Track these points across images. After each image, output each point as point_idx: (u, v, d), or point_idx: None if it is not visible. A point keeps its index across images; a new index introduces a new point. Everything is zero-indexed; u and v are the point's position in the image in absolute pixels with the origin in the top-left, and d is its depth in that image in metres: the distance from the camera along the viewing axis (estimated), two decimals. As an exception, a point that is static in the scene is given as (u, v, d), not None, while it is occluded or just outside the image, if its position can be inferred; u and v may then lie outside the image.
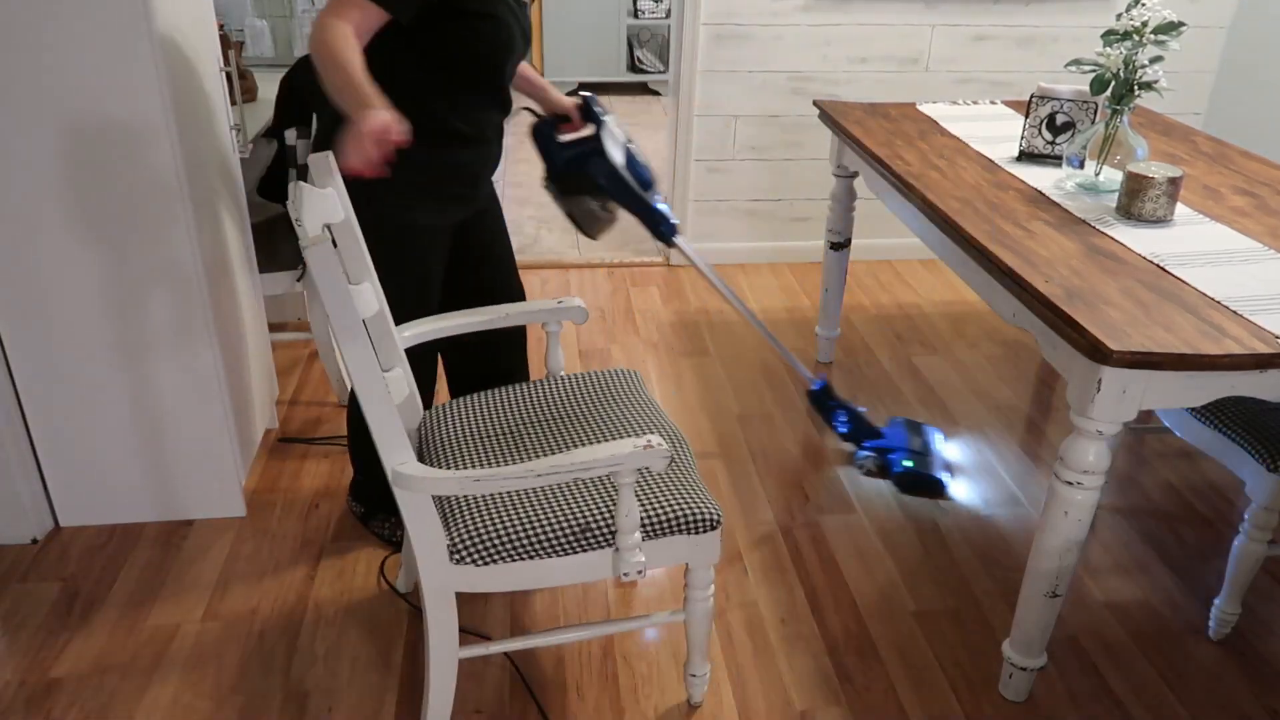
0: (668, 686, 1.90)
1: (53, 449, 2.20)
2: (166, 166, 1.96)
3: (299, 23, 3.31)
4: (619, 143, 2.13)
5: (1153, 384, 1.55)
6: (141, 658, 1.93)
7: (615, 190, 2.13)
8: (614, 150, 2.11)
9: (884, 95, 3.68)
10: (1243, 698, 1.90)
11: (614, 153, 2.11)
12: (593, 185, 2.12)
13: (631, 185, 2.13)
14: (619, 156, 2.12)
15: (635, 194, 2.14)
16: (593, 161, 2.09)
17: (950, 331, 3.36)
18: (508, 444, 1.79)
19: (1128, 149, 2.15)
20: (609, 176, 2.11)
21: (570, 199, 2.15)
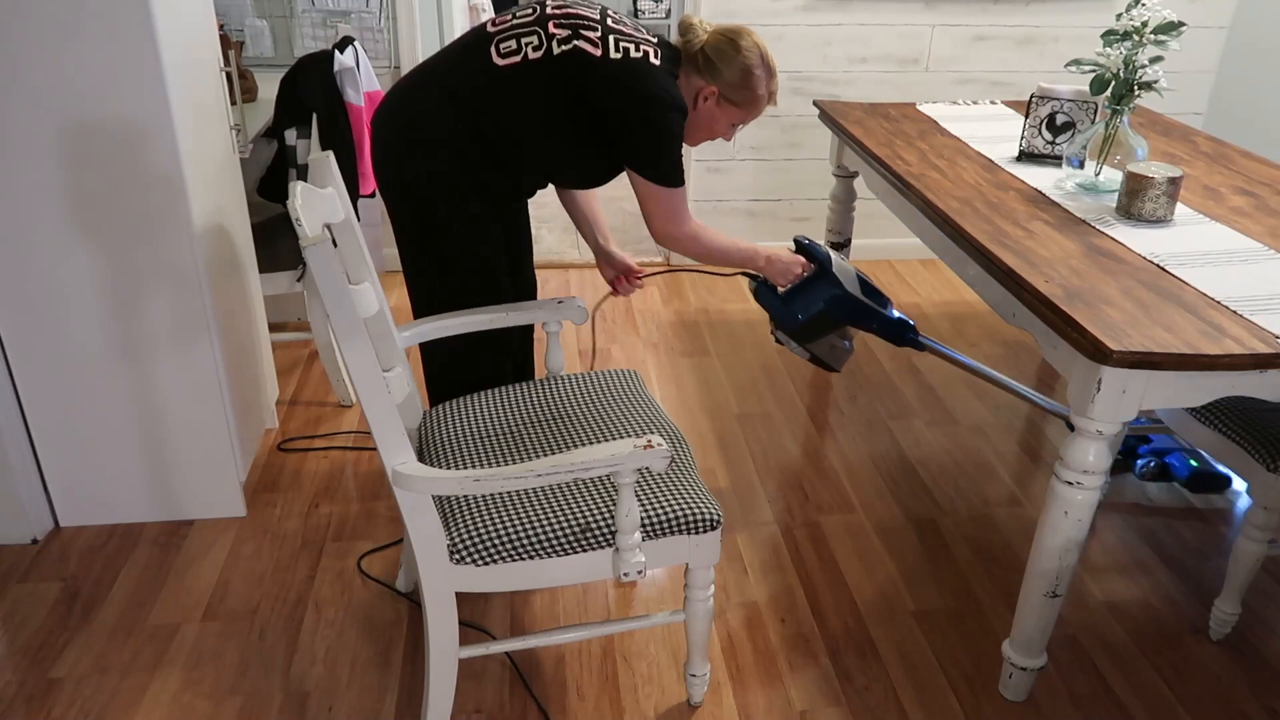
0: (668, 686, 1.90)
1: (53, 449, 2.20)
2: (166, 166, 1.96)
3: (299, 23, 3.32)
4: (849, 274, 2.05)
5: (1153, 384, 1.55)
6: (141, 658, 1.93)
7: (859, 320, 2.06)
8: (847, 282, 2.03)
9: (884, 95, 3.68)
10: (1243, 698, 1.90)
11: (849, 285, 2.03)
12: (833, 323, 2.06)
13: (876, 310, 2.06)
14: (854, 286, 2.04)
15: (880, 315, 2.07)
16: (831, 302, 2.02)
17: (950, 331, 3.36)
18: (508, 444, 1.79)
19: (1128, 149, 2.15)
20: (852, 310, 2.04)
21: (811, 343, 2.09)
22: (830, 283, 2.02)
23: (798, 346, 2.11)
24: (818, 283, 2.03)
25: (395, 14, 3.34)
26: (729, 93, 1.92)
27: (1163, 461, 2.52)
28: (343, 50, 2.50)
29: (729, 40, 1.90)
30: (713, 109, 1.94)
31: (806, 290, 2.05)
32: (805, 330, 2.06)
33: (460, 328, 1.91)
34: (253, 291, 2.48)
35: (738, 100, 1.93)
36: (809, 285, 2.04)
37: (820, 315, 2.04)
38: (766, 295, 2.08)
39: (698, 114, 1.95)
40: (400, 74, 3.42)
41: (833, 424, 2.79)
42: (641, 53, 1.85)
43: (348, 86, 2.51)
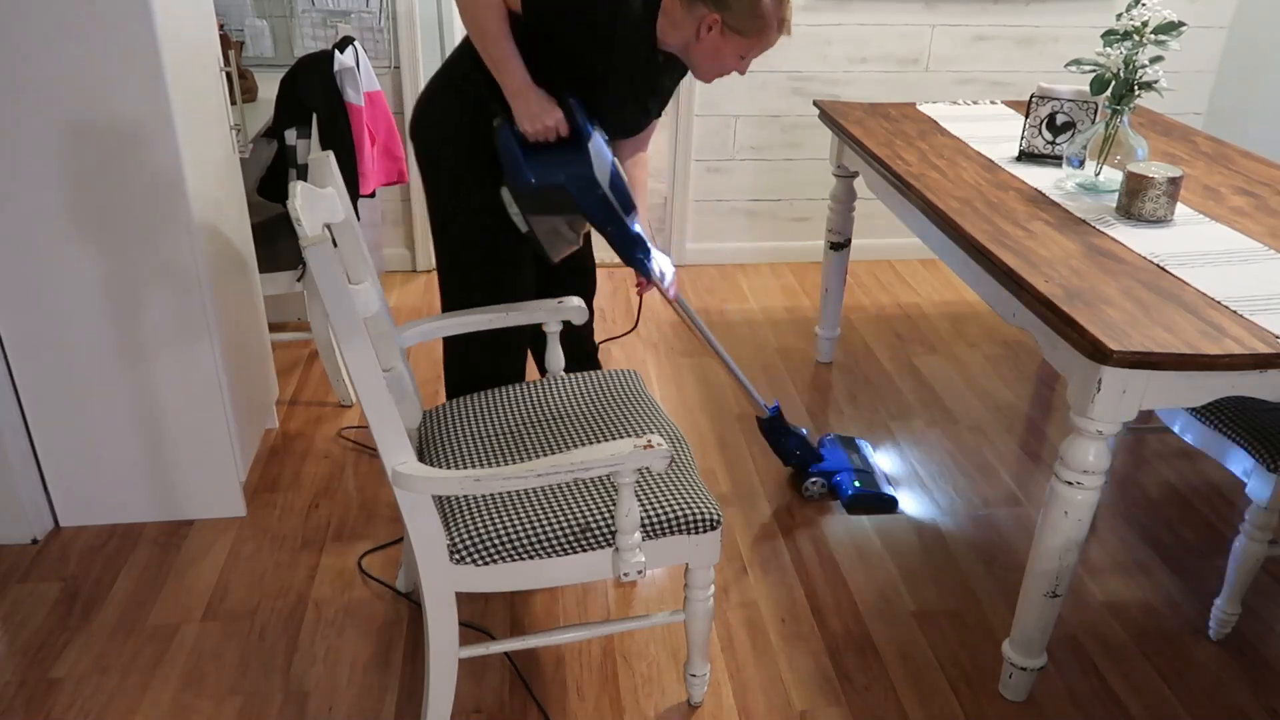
0: (668, 686, 1.90)
1: (53, 449, 2.20)
2: (167, 166, 1.96)
3: (299, 23, 3.32)
4: (605, 158, 1.84)
5: (1153, 384, 1.55)
6: (141, 658, 1.93)
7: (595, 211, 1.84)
8: (599, 166, 1.82)
9: (884, 95, 3.68)
10: (1243, 698, 1.90)
11: (599, 169, 1.81)
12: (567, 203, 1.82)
13: (615, 208, 1.84)
14: (604, 174, 1.82)
15: (618, 218, 1.86)
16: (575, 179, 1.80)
17: (950, 331, 3.36)
18: (508, 444, 1.79)
19: (1128, 149, 2.15)
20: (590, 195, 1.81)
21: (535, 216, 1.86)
22: (580, 158, 1.80)
23: (519, 213, 1.87)
24: (567, 150, 1.81)
25: (395, 14, 3.34)
26: (733, 21, 1.79)
27: (831, 482, 2.44)
28: (343, 50, 2.50)
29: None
30: (717, 39, 1.82)
31: (552, 153, 1.81)
32: (533, 198, 1.82)
33: (460, 327, 1.92)
34: (253, 291, 2.48)
35: (743, 29, 1.80)
36: (557, 150, 1.82)
37: (555, 189, 1.80)
38: (507, 139, 1.83)
39: (701, 45, 1.84)
40: (400, 74, 3.43)
41: (833, 424, 2.79)
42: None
43: (348, 86, 2.51)
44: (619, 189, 1.86)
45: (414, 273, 3.75)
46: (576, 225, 1.91)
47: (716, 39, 1.83)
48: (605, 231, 1.89)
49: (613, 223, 1.86)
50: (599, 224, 1.87)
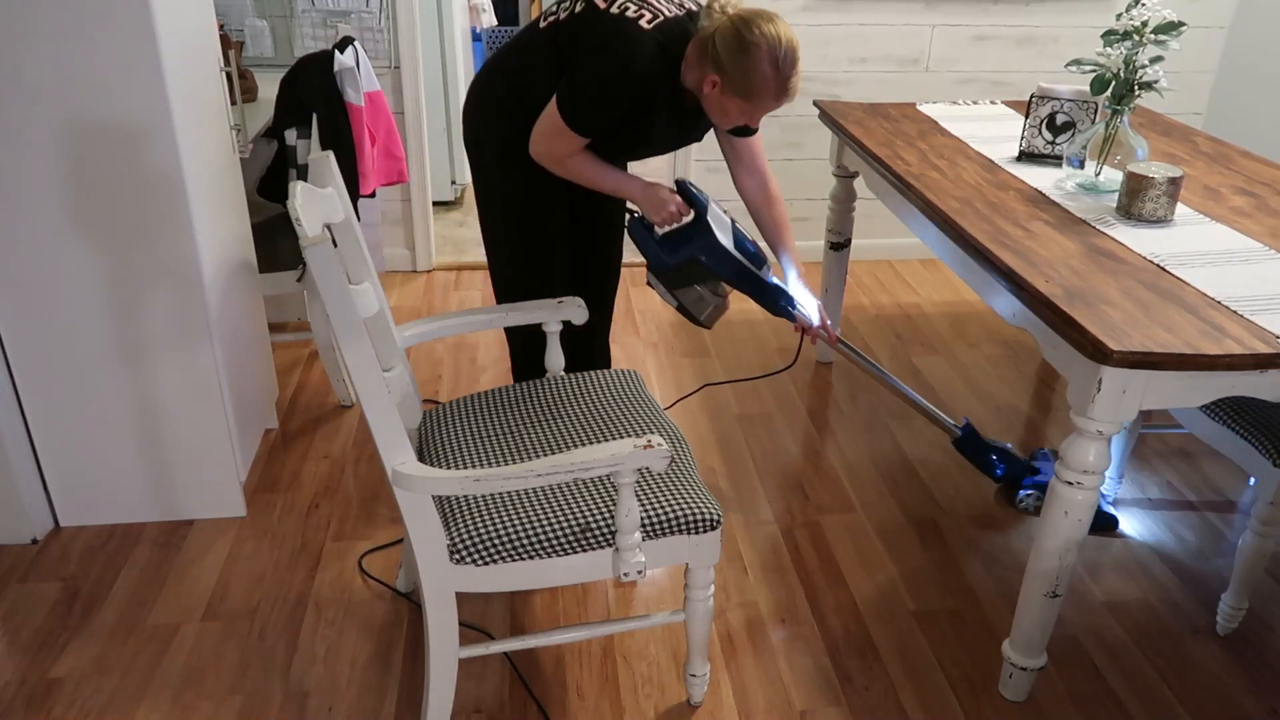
0: (668, 686, 1.90)
1: (53, 449, 2.20)
2: (167, 166, 1.96)
3: (299, 23, 3.32)
4: (725, 225, 2.03)
5: (1153, 384, 1.55)
6: (141, 657, 1.93)
7: (731, 275, 2.01)
8: (721, 234, 1.99)
9: (884, 95, 3.68)
10: (1243, 697, 1.90)
11: (722, 236, 1.99)
12: (704, 273, 2.00)
13: (747, 266, 2.01)
14: (728, 239, 2.00)
15: (752, 275, 2.02)
16: (703, 249, 1.98)
17: (950, 331, 3.36)
18: (508, 444, 1.79)
19: (1128, 149, 2.15)
20: (723, 262, 1.99)
21: (679, 290, 2.05)
22: (703, 230, 1.97)
23: (666, 292, 2.06)
24: (692, 227, 1.99)
25: (395, 14, 3.34)
26: (730, 84, 1.84)
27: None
28: (343, 50, 2.50)
29: (737, 33, 1.80)
30: (719, 97, 1.88)
31: (680, 234, 2.00)
32: (673, 275, 2.02)
33: (461, 327, 1.92)
34: (253, 291, 2.48)
35: (740, 92, 1.85)
36: (683, 230, 2.00)
37: (690, 262, 1.99)
38: (639, 231, 2.03)
39: (707, 99, 1.91)
40: (400, 74, 3.42)
41: (833, 424, 2.79)
42: (636, 14, 1.85)
43: (348, 86, 2.51)
44: (745, 248, 2.02)
45: (414, 273, 3.75)
46: (718, 289, 2.07)
47: (718, 96, 1.88)
48: (744, 289, 2.05)
49: (746, 279, 2.03)
50: (735, 283, 2.03)
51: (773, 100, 1.88)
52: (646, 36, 1.85)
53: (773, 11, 1.85)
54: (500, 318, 1.92)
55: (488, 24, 4.99)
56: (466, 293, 3.60)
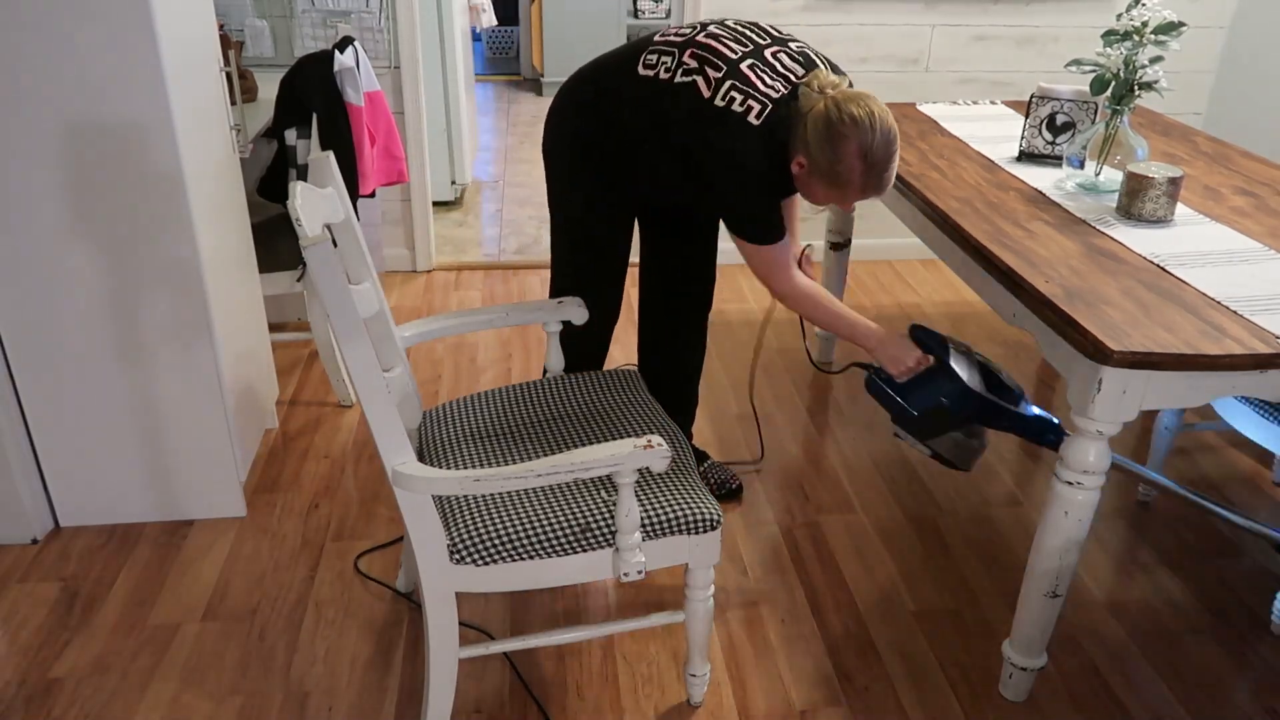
0: (668, 686, 1.90)
1: (53, 449, 2.20)
2: (166, 166, 1.96)
3: (299, 23, 3.32)
4: (971, 364, 1.85)
5: (1153, 384, 1.55)
6: (141, 658, 1.93)
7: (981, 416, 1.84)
8: (967, 374, 1.82)
9: (884, 95, 3.68)
10: (1242, 698, 1.90)
11: (968, 377, 1.82)
12: (956, 419, 1.84)
13: (1000, 404, 1.83)
14: (974, 379, 1.83)
15: (1008, 412, 1.83)
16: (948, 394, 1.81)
17: (950, 331, 3.36)
18: (508, 444, 1.79)
19: (1128, 149, 2.15)
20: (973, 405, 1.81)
21: (932, 440, 1.89)
22: (948, 376, 1.82)
23: (918, 443, 1.92)
24: (936, 375, 1.83)
25: (395, 14, 3.34)
26: (815, 170, 1.76)
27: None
28: (343, 50, 2.50)
29: (828, 119, 1.71)
30: (806, 178, 1.80)
31: (923, 382, 1.85)
32: (922, 426, 1.87)
33: (461, 327, 1.92)
34: (253, 291, 2.48)
35: (827, 182, 1.77)
36: (926, 377, 1.85)
37: (937, 410, 1.83)
38: (878, 386, 1.90)
39: (796, 177, 1.83)
40: (400, 74, 3.42)
41: (833, 424, 2.79)
42: (744, 107, 1.77)
43: (348, 86, 2.51)
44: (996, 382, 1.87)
45: (414, 273, 3.75)
46: (976, 432, 1.91)
47: (806, 177, 1.81)
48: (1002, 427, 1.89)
49: (1004, 418, 1.87)
50: (992, 424, 1.89)
51: (859, 193, 1.79)
52: (754, 133, 1.78)
53: (872, 96, 1.74)
54: (500, 318, 1.92)
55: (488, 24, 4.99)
56: (466, 293, 3.60)
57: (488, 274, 3.77)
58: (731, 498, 2.45)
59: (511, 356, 3.12)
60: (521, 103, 6.59)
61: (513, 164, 5.21)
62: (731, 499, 2.44)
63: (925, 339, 1.87)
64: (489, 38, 7.54)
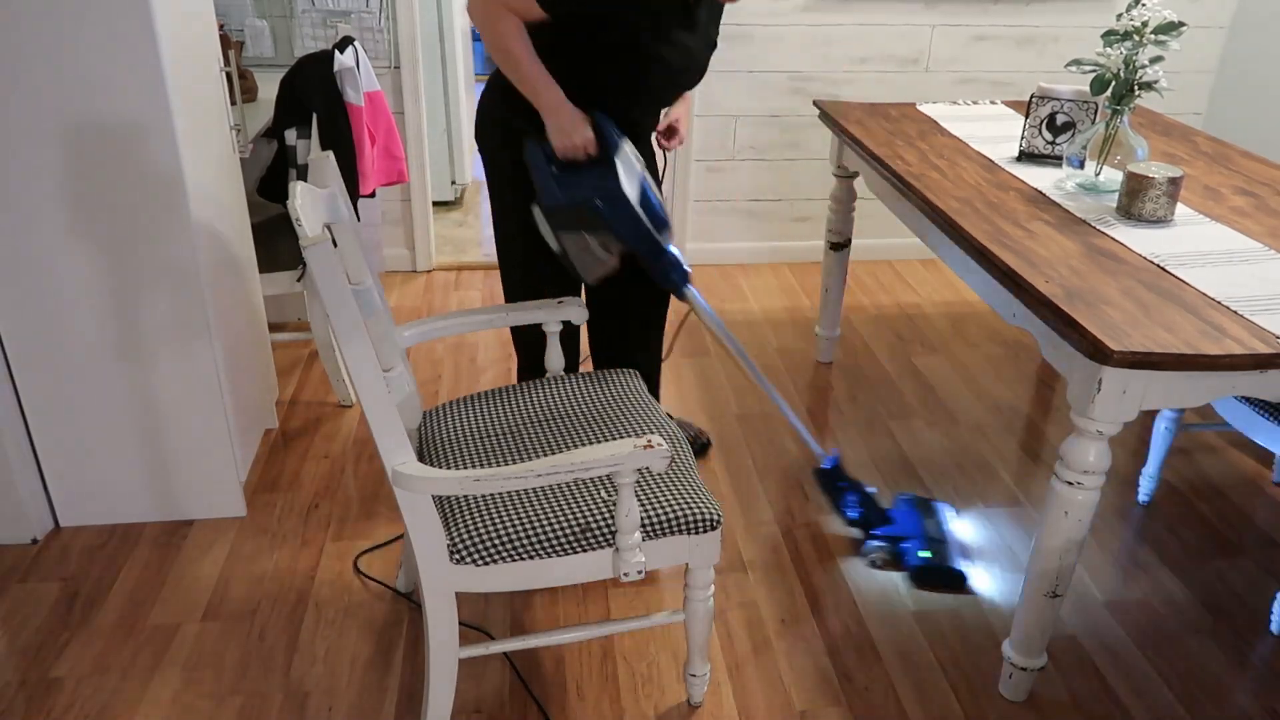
0: (668, 686, 1.90)
1: (53, 449, 2.20)
2: (166, 166, 1.96)
3: (299, 23, 3.32)
4: (634, 174, 1.80)
5: (1153, 384, 1.55)
6: (141, 658, 1.93)
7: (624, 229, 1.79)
8: (628, 182, 1.77)
9: (884, 95, 3.68)
10: (1243, 698, 1.90)
11: (628, 185, 1.76)
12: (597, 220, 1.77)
13: (645, 225, 1.79)
14: (633, 190, 1.77)
15: (649, 235, 1.80)
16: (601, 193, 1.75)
17: (950, 331, 3.36)
18: (508, 444, 1.79)
19: (1128, 149, 2.15)
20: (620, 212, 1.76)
21: (565, 234, 1.82)
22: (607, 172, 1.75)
23: (549, 230, 1.84)
24: (595, 167, 1.77)
25: (395, 14, 3.34)
26: None
27: (896, 549, 2.22)
28: (343, 50, 2.50)
29: None
30: None
31: (580, 170, 1.78)
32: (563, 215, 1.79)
33: (461, 327, 1.92)
34: (253, 291, 2.48)
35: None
36: (586, 167, 1.78)
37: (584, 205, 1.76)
38: (536, 155, 1.81)
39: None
40: (400, 74, 3.42)
41: (833, 424, 2.79)
42: None
43: (348, 86, 2.51)
44: (650, 207, 1.80)
45: (414, 273, 3.75)
46: (609, 245, 1.85)
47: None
48: (636, 248, 1.84)
49: (643, 241, 1.81)
50: (629, 242, 1.83)
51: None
52: None
53: None
54: (500, 318, 1.92)
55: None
56: (466, 293, 3.60)
57: (488, 274, 3.77)
58: (700, 454, 2.53)
59: (511, 356, 3.12)
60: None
61: (513, 164, 5.20)
62: (700, 455, 2.53)
63: (604, 130, 1.80)
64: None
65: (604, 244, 1.83)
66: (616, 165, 1.76)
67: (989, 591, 2.16)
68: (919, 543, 2.22)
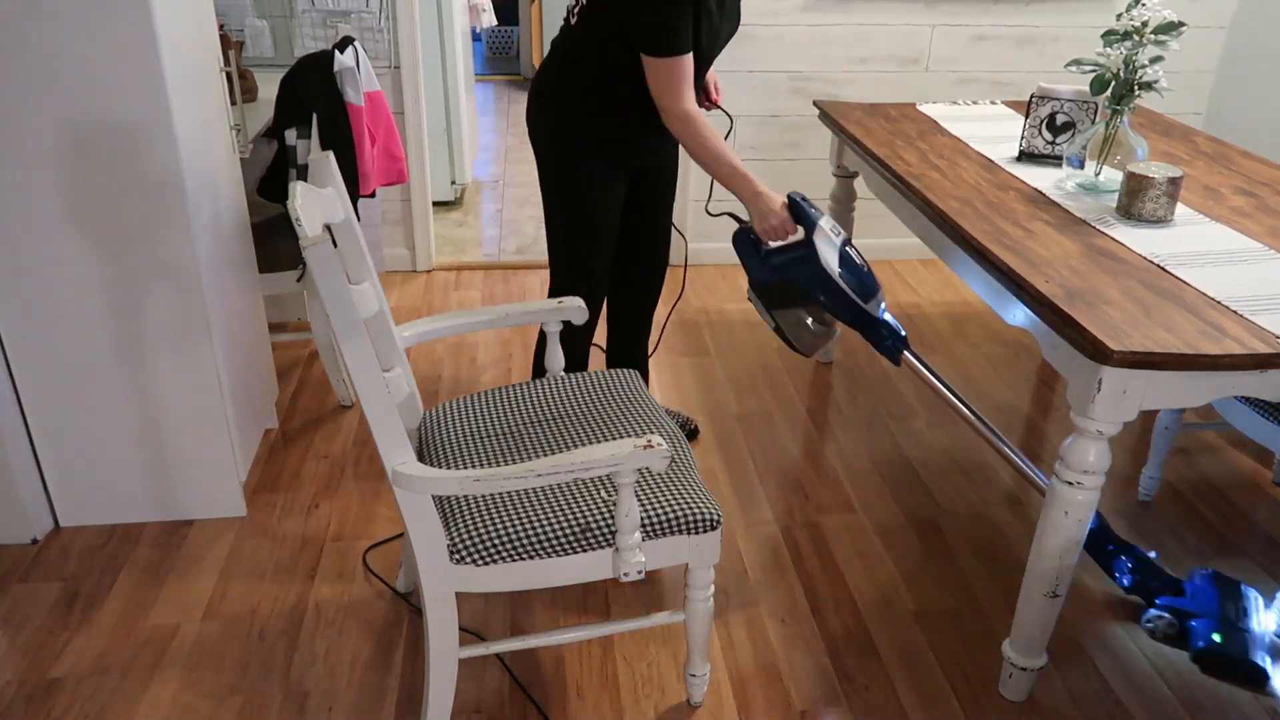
0: (668, 686, 1.90)
1: (53, 449, 2.20)
2: (166, 166, 1.96)
3: (299, 23, 3.32)
4: (834, 245, 1.86)
5: (1153, 384, 1.55)
6: (141, 658, 1.93)
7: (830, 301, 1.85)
8: (828, 255, 1.83)
9: (884, 95, 3.68)
10: (1243, 698, 1.90)
11: (828, 258, 1.83)
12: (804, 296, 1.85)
13: (849, 295, 1.84)
14: (834, 262, 1.83)
15: (853, 305, 1.84)
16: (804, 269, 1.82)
17: (950, 331, 3.36)
18: (508, 444, 1.79)
19: (1128, 149, 2.15)
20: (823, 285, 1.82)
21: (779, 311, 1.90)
22: (810, 253, 1.84)
23: (763, 310, 1.94)
24: (799, 249, 1.86)
25: (395, 14, 3.34)
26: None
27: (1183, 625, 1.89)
28: (343, 50, 2.50)
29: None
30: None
31: (785, 252, 1.87)
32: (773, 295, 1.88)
33: (461, 328, 1.92)
34: (253, 291, 2.48)
35: None
36: (790, 248, 1.87)
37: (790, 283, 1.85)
38: (743, 241, 1.92)
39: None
40: (400, 74, 3.43)
41: (833, 424, 2.79)
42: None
43: (348, 86, 2.51)
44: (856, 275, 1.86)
45: (414, 273, 3.75)
46: (822, 317, 1.93)
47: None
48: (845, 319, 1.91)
49: (850, 311, 1.87)
50: (837, 313, 1.89)
51: None
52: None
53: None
54: (500, 318, 1.92)
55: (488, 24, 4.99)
56: (466, 293, 3.60)
57: (488, 274, 3.77)
58: (690, 439, 2.56)
59: (511, 356, 3.12)
60: (521, 103, 6.59)
61: (513, 164, 5.21)
62: (690, 439, 2.56)
63: (800, 211, 1.88)
64: (489, 38, 7.54)
65: (818, 317, 1.92)
66: (815, 242, 1.85)
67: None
68: (1213, 623, 1.89)
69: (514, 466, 1.48)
